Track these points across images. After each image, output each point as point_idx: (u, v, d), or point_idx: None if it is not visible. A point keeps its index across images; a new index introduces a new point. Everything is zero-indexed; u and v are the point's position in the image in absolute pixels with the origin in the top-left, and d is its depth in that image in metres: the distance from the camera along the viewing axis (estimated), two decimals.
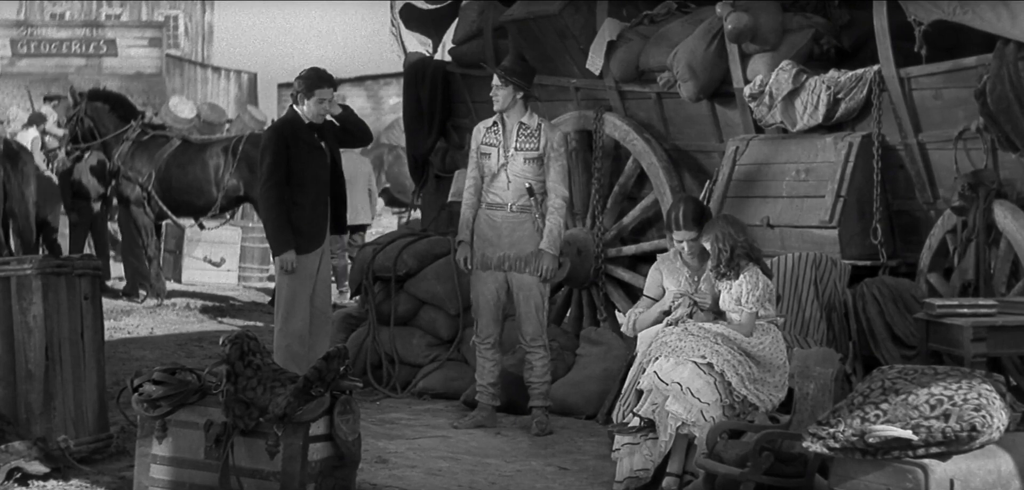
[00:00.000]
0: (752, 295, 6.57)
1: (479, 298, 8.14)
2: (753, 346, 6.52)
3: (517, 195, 8.02)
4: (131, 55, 34.97)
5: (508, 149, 8.00)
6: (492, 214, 8.06)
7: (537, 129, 8.03)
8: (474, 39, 10.57)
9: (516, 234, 8.03)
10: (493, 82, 8.07)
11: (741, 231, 6.70)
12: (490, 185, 8.06)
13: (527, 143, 8.00)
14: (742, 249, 6.61)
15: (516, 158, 7.99)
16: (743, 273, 6.60)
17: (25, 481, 6.62)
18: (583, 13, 9.64)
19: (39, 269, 6.99)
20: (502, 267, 8.05)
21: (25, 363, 6.98)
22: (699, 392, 6.39)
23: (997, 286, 7.40)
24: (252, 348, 6.09)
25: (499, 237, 8.03)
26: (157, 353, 10.87)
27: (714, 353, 6.46)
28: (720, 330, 6.55)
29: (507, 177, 8.00)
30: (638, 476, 6.60)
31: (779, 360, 6.58)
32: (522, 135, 8.02)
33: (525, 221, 8.03)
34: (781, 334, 6.72)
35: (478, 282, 8.12)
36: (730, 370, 6.44)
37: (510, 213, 8.03)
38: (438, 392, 9.20)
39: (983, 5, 7.42)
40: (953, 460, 5.03)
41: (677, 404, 6.39)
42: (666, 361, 6.50)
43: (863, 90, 8.09)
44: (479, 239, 8.08)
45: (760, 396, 6.48)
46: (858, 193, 8.06)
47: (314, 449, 5.93)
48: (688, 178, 9.17)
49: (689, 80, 8.81)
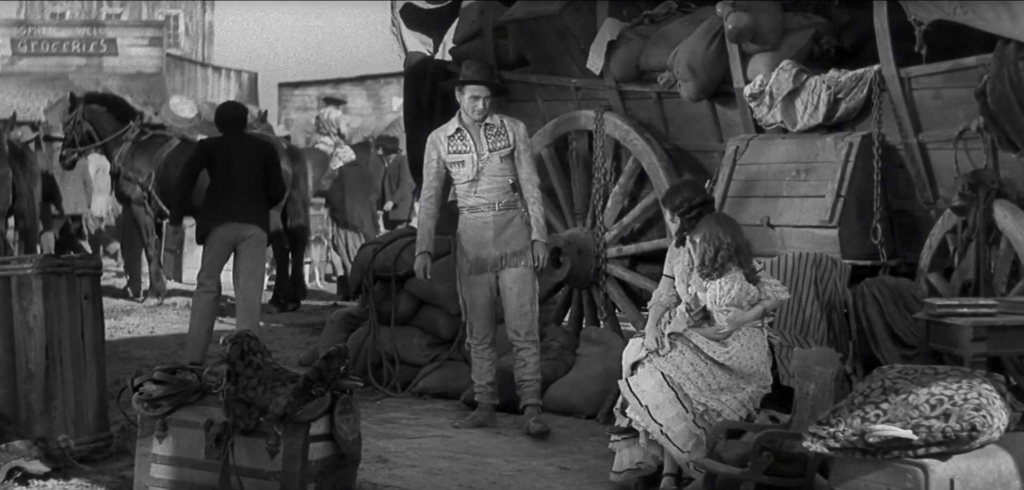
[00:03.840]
0: (723, 300, 6.59)
1: (474, 302, 8.13)
2: (719, 355, 6.53)
3: (502, 193, 8.05)
4: (131, 54, 34.95)
5: (482, 152, 8.02)
6: (479, 217, 8.06)
7: (502, 126, 8.10)
8: (474, 39, 10.57)
9: (507, 231, 8.05)
10: (480, 93, 8.04)
11: (729, 232, 6.67)
12: (470, 191, 8.07)
13: (498, 141, 8.05)
14: (726, 252, 6.61)
15: (492, 159, 8.03)
16: (724, 275, 6.61)
17: (25, 480, 6.62)
18: (583, 13, 9.64)
19: (39, 268, 6.99)
20: (498, 267, 8.05)
21: (25, 362, 6.98)
22: (656, 411, 6.47)
23: (997, 286, 7.40)
24: (252, 347, 6.09)
25: (490, 238, 8.03)
26: (157, 352, 10.88)
27: (675, 368, 6.52)
28: (694, 337, 6.57)
29: (486, 179, 8.03)
30: (639, 468, 6.64)
31: (750, 367, 6.56)
32: (490, 135, 8.06)
33: (514, 217, 8.06)
34: (763, 336, 6.71)
35: (471, 286, 8.11)
36: (688, 382, 6.49)
37: (498, 212, 8.05)
38: (438, 392, 9.20)
39: (983, 5, 7.42)
40: (953, 460, 5.04)
41: (636, 415, 6.53)
42: (643, 366, 6.58)
43: (863, 90, 8.09)
44: (469, 244, 8.08)
45: (725, 402, 6.49)
46: (858, 193, 8.06)
47: (314, 449, 5.93)
48: (688, 178, 9.17)
49: (689, 80, 8.81)
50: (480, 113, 8.06)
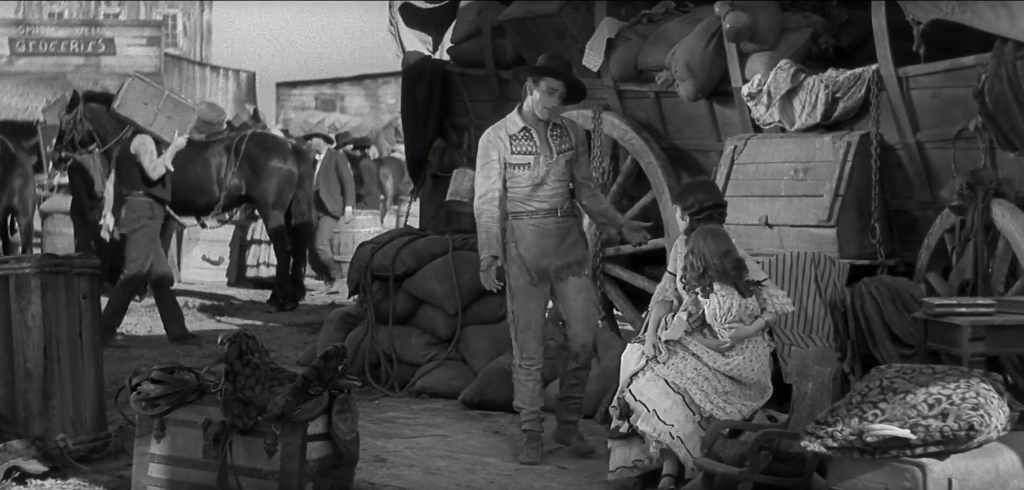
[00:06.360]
0: (726, 318, 6.55)
1: (530, 316, 7.47)
2: (721, 366, 6.52)
3: (563, 199, 7.51)
4: (129, 54, 34.94)
5: (552, 154, 7.47)
6: (542, 223, 7.47)
7: (566, 128, 7.60)
8: (472, 38, 10.57)
9: (568, 239, 7.52)
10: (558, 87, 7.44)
11: (718, 250, 6.53)
12: (532, 195, 7.44)
13: (563, 143, 7.52)
14: (714, 271, 6.55)
15: (559, 161, 7.48)
16: (714, 294, 6.56)
17: (23, 480, 6.62)
18: (581, 12, 9.64)
19: (37, 268, 6.99)
20: (560, 277, 7.48)
21: (23, 362, 6.97)
22: (665, 414, 6.44)
23: (995, 285, 7.40)
24: (251, 347, 6.10)
25: (553, 246, 7.47)
26: (155, 352, 10.87)
27: (679, 373, 6.51)
28: (694, 346, 6.56)
29: (551, 184, 7.47)
30: (635, 466, 6.63)
31: (752, 377, 6.56)
32: (556, 136, 7.52)
33: (573, 224, 7.59)
34: (765, 346, 6.69)
35: (528, 298, 7.46)
36: (694, 387, 6.48)
37: (560, 219, 7.50)
38: (436, 391, 9.20)
39: (981, 4, 7.42)
40: (951, 459, 5.04)
41: (647, 424, 6.48)
42: (643, 375, 6.57)
43: (861, 89, 8.09)
44: (528, 252, 7.44)
45: (727, 408, 6.49)
46: (856, 192, 8.05)
47: (312, 448, 5.94)
48: (686, 177, 9.16)
49: (687, 79, 8.80)
50: (553, 111, 7.49)
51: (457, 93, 10.73)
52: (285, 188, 14.36)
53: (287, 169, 14.35)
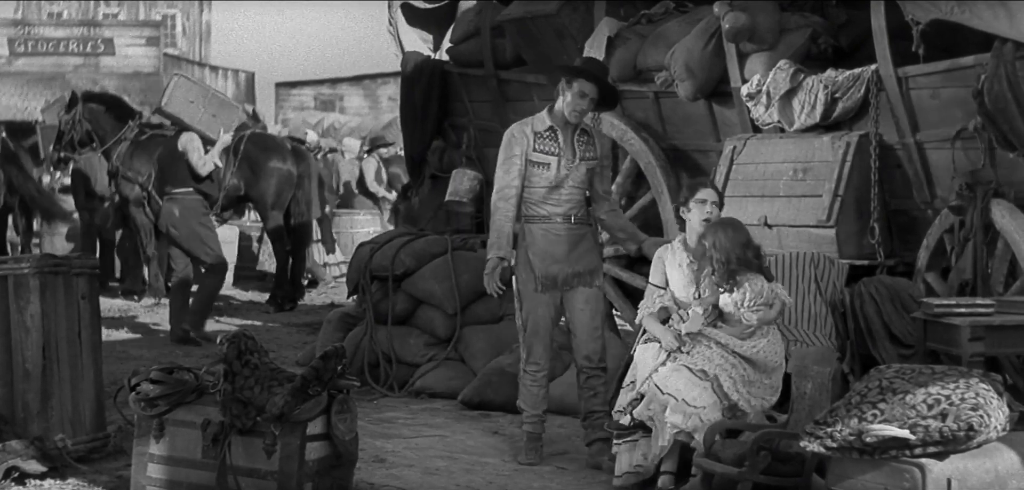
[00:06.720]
0: (756, 300, 6.54)
1: (538, 321, 7.34)
2: (747, 350, 6.52)
3: (578, 207, 7.34)
4: (128, 54, 34.97)
5: (574, 158, 7.30)
6: (553, 228, 7.31)
7: (594, 137, 7.44)
8: (471, 38, 10.56)
9: (579, 248, 7.34)
10: (590, 91, 7.26)
11: (737, 241, 6.56)
12: (546, 197, 7.29)
13: (587, 151, 7.34)
14: (737, 262, 6.56)
15: (579, 168, 7.30)
16: (745, 282, 6.57)
17: (22, 480, 6.62)
18: (581, 12, 9.64)
19: (36, 268, 6.99)
20: (568, 286, 7.33)
21: (22, 362, 6.98)
22: (695, 400, 6.40)
23: (994, 285, 7.40)
24: (250, 347, 6.10)
25: (563, 254, 7.31)
26: (154, 352, 10.87)
27: (706, 361, 6.49)
28: (716, 335, 6.56)
29: (568, 189, 7.31)
30: (638, 471, 6.62)
31: (774, 362, 6.58)
32: (581, 143, 7.33)
33: (586, 233, 7.39)
34: (780, 335, 6.72)
35: (537, 304, 7.32)
36: (723, 374, 6.47)
37: (572, 226, 7.32)
38: (435, 391, 9.20)
39: (981, 4, 7.42)
40: (950, 459, 5.04)
41: (676, 414, 6.42)
42: (665, 367, 6.54)
43: (861, 89, 8.09)
44: (538, 257, 7.29)
45: (751, 400, 6.49)
46: (855, 193, 8.05)
47: (311, 448, 5.93)
48: (685, 178, 9.16)
49: (686, 79, 8.80)
50: (581, 115, 7.30)
51: (456, 93, 10.73)
52: (284, 188, 14.36)
53: (286, 169, 14.35)
